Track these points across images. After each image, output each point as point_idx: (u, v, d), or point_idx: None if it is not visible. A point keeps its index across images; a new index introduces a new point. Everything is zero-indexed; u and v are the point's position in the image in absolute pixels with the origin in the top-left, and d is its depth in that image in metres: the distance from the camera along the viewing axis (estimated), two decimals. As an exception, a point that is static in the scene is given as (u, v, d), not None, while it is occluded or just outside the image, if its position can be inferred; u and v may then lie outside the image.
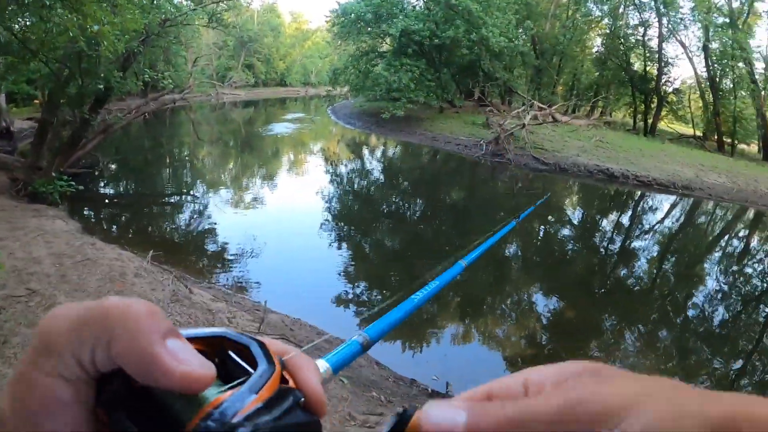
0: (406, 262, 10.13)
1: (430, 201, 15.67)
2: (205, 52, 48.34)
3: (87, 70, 11.03)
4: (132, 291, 5.54)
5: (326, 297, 7.94)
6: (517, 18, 30.05)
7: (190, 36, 26.13)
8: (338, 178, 18.66)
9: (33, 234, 7.01)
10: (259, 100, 51.98)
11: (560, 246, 12.59)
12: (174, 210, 12.83)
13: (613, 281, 10.59)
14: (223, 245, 10.01)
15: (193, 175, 17.53)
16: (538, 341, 7.58)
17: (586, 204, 18.06)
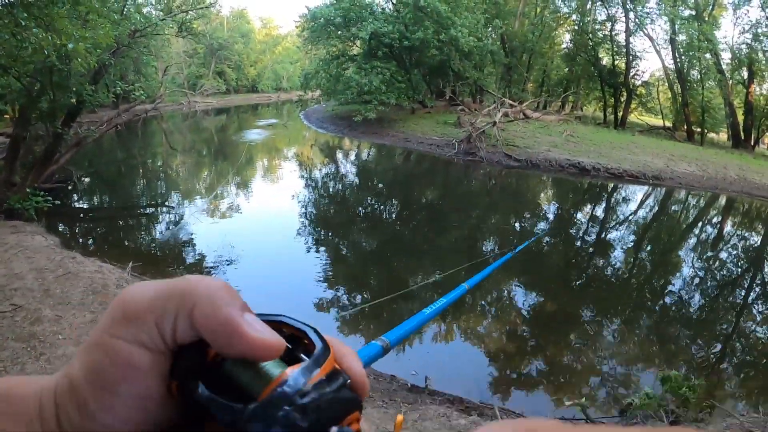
0: (383, 262, 10.30)
1: (405, 201, 15.86)
2: (176, 61, 47.74)
3: (58, 84, 10.99)
4: (115, 301, 5.63)
5: (307, 300, 8.06)
6: (486, 17, 30.37)
7: (160, 46, 25.96)
8: (313, 182, 18.76)
9: (13, 250, 7.05)
10: (231, 107, 51.64)
11: (539, 241, 12.83)
12: (150, 221, 12.84)
13: (589, 273, 10.88)
14: (201, 253, 10.08)
15: (167, 185, 17.50)
16: (517, 334, 7.76)
17: (559, 198, 18.41)
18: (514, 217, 14.93)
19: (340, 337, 6.75)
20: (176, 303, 0.34)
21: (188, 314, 0.33)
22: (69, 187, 14.12)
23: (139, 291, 0.35)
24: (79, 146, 13.39)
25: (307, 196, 16.20)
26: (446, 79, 33.04)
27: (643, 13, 32.21)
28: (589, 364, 6.86)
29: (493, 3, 32.70)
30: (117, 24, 11.19)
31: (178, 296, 0.34)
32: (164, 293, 0.34)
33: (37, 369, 4.14)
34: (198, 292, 0.34)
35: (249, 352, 0.33)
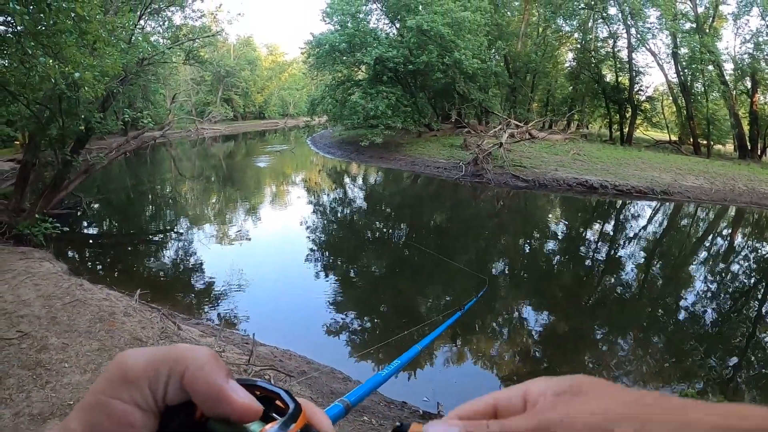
0: (390, 288, 10.22)
1: (414, 226, 15.81)
2: (183, 89, 48.30)
3: (68, 111, 11.10)
4: (123, 330, 5.59)
5: (314, 327, 8.01)
6: (489, 39, 30.59)
7: (168, 73, 26.25)
8: (321, 208, 18.75)
9: (21, 277, 7.03)
10: (238, 133, 51.85)
11: (547, 261, 12.75)
12: (159, 247, 12.81)
13: (602, 291, 10.76)
14: (209, 280, 10.04)
15: (176, 211, 17.53)
16: (529, 357, 7.64)
17: (568, 217, 18.31)
18: (523, 238, 14.84)
19: (345, 364, 6.70)
20: (168, 368, 0.38)
21: (179, 379, 0.38)
22: (78, 213, 14.23)
23: (135, 356, 0.39)
24: (88, 173, 13.46)
25: (315, 221, 16.16)
26: (451, 102, 33.18)
27: (644, 28, 32.32)
28: None
29: (495, 25, 32.83)
30: (125, 52, 11.28)
31: (171, 362, 0.38)
32: (158, 359, 0.38)
33: (42, 398, 4.06)
34: (189, 360, 0.38)
35: (233, 415, 0.38)
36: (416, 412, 5.61)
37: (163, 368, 0.38)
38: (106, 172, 18.59)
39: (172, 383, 0.37)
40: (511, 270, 11.91)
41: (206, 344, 5.86)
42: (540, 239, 14.82)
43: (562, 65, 40.61)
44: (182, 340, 5.74)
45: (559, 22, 35.91)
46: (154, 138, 17.24)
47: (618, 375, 6.99)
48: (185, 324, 6.78)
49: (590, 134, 38.11)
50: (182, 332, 6.12)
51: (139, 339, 5.45)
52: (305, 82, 71.13)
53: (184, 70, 41.55)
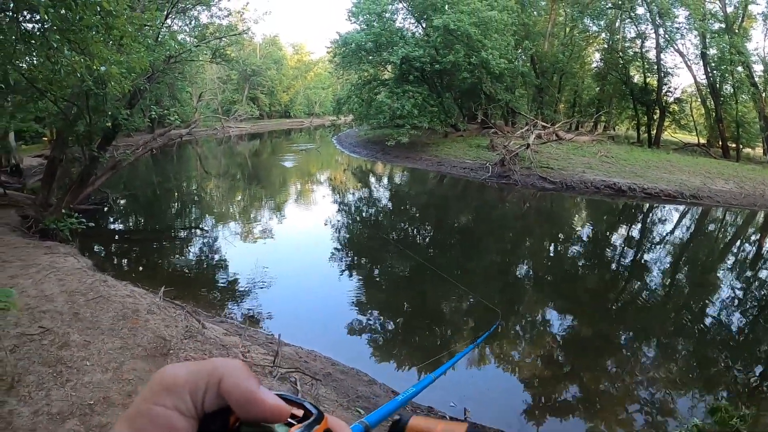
0: (414, 288, 10.10)
1: (440, 227, 15.66)
2: (210, 87, 48.61)
3: (95, 108, 11.14)
4: (146, 328, 5.50)
5: (336, 326, 7.93)
6: (516, 39, 30.23)
7: (194, 72, 26.41)
8: (347, 207, 18.69)
9: (45, 271, 6.98)
10: (264, 132, 52.11)
11: (575, 264, 12.51)
12: (183, 244, 12.83)
13: (631, 296, 10.50)
14: (233, 278, 10.02)
15: (201, 209, 17.59)
16: (554, 361, 7.46)
17: (596, 220, 17.99)
18: (551, 241, 14.61)
19: (368, 365, 6.60)
20: (206, 378, 0.42)
21: (216, 387, 0.42)
22: (104, 209, 14.38)
23: (176, 369, 0.44)
24: (115, 169, 13.53)
25: (340, 220, 16.10)
26: (478, 102, 32.89)
27: (673, 28, 31.58)
28: (627, 391, 6.53)
29: (522, 24, 32.38)
30: (152, 50, 11.28)
31: (208, 373, 0.43)
32: (197, 371, 0.43)
33: (62, 396, 3.96)
34: (224, 370, 0.43)
35: (265, 416, 0.43)
36: (443, 418, 5.44)
37: (202, 378, 0.42)
38: (132, 168, 18.73)
39: (210, 391, 0.42)
40: (537, 274, 11.70)
41: (231, 344, 5.82)
42: (568, 242, 14.56)
43: (588, 66, 40.00)
44: (206, 339, 5.63)
45: (586, 22, 35.32)
46: (181, 135, 17.27)
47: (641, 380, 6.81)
48: (209, 322, 6.69)
49: (617, 136, 37.45)
50: (206, 331, 6.00)
51: (163, 337, 5.36)
52: (331, 81, 71.40)
53: (211, 68, 41.80)
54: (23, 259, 7.75)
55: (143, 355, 4.96)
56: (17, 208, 11.84)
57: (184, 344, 5.30)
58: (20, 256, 8.00)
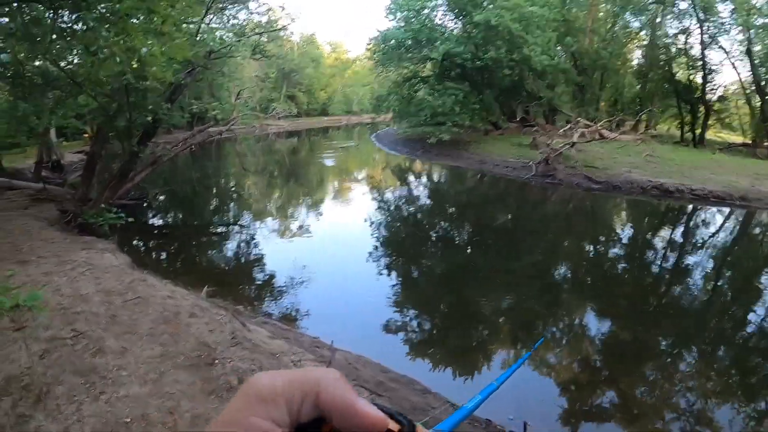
0: (457, 291, 9.65)
1: (485, 226, 15.20)
2: (248, 85, 48.78)
3: (135, 103, 11.09)
4: (188, 333, 5.18)
5: (381, 329, 7.60)
6: (557, 35, 29.52)
7: (233, 69, 26.37)
8: (388, 205, 18.33)
9: (81, 269, 6.71)
10: (302, 130, 52.27)
11: (627, 268, 11.87)
12: (223, 240, 12.71)
13: (689, 303, 9.84)
14: (272, 275, 9.80)
15: (240, 205, 17.49)
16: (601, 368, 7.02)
17: (644, 222, 17.21)
18: (598, 243, 13.97)
19: (418, 372, 6.17)
20: (303, 389, 0.42)
21: (314, 398, 0.42)
22: (144, 204, 14.42)
23: (271, 379, 0.43)
24: (155, 165, 13.50)
25: (382, 218, 15.76)
26: (519, 100, 32.17)
27: (717, 24, 30.29)
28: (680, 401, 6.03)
29: (563, 20, 31.48)
30: (192, 44, 11.08)
31: (305, 384, 0.42)
32: (293, 381, 0.42)
33: (95, 411, 3.58)
34: (322, 381, 0.43)
35: (365, 426, 0.42)
36: (502, 431, 5.05)
37: (299, 389, 0.42)
38: (172, 165, 18.70)
39: (306, 402, 0.42)
40: (586, 278, 11.18)
41: (279, 351, 5.42)
42: (618, 245, 13.94)
43: (630, 63, 38.76)
44: (255, 346, 5.18)
45: (627, 18, 34.24)
46: (220, 132, 17.15)
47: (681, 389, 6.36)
48: (252, 324, 6.31)
49: (659, 135, 36.15)
50: (251, 334, 5.61)
51: (207, 344, 4.97)
52: (369, 79, 71.40)
53: (249, 67, 41.90)
54: (59, 255, 7.55)
55: (186, 365, 4.53)
56: (56, 202, 11.85)
57: (230, 352, 4.89)
58: (56, 252, 7.82)
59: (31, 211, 11.14)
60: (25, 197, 12.38)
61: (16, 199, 12.19)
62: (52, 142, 18.51)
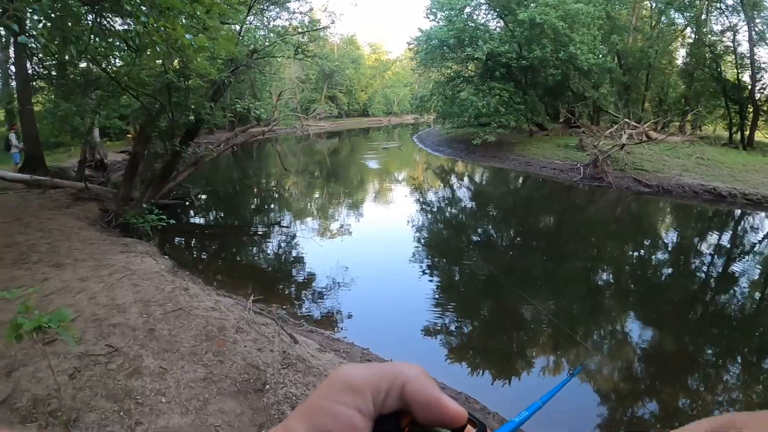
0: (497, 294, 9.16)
1: (534, 231, 14.68)
2: (289, 86, 49.17)
3: (177, 103, 11.01)
4: (235, 352, 4.71)
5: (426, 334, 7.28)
6: (602, 33, 28.62)
7: (275, 70, 26.34)
8: (434, 207, 17.91)
9: (119, 274, 6.40)
10: (342, 130, 52.31)
11: (682, 278, 11.13)
12: (265, 242, 12.49)
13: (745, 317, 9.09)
14: (316, 279, 9.54)
15: (282, 205, 17.36)
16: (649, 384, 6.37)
17: (698, 228, 16.27)
18: (651, 250, 13.22)
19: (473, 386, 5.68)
20: (389, 381, 0.43)
21: (399, 390, 0.43)
22: (186, 204, 14.34)
23: (358, 370, 0.45)
24: (197, 165, 13.44)
25: (427, 223, 15.34)
26: (564, 100, 31.29)
27: (765, 20, 28.79)
28: None
29: (608, 17, 30.38)
30: (234, 43, 10.86)
31: (391, 376, 0.44)
32: (379, 373, 0.44)
33: (129, 448, 3.18)
34: (408, 375, 0.44)
35: (448, 419, 0.43)
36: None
37: (385, 381, 0.43)
38: (214, 165, 18.59)
39: (391, 394, 0.43)
40: (638, 285, 10.47)
41: (328, 362, 4.99)
42: (673, 251, 13.20)
43: (674, 62, 37.25)
44: (306, 365, 4.62)
45: (672, 15, 32.89)
46: (263, 132, 17.01)
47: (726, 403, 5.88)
48: (300, 335, 5.90)
49: (706, 136, 34.65)
50: (300, 349, 5.21)
51: (256, 366, 4.47)
52: (409, 80, 71.17)
53: (290, 68, 41.89)
54: (97, 258, 7.30)
55: (232, 391, 4.04)
56: (98, 201, 11.79)
57: (282, 375, 4.43)
58: (94, 254, 7.59)
59: (73, 210, 11.03)
60: (67, 196, 12.31)
61: (58, 198, 12.12)
62: (96, 142, 18.69)
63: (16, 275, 6.42)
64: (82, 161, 15.82)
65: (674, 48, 36.73)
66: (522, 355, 6.94)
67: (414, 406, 0.43)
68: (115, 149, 21.51)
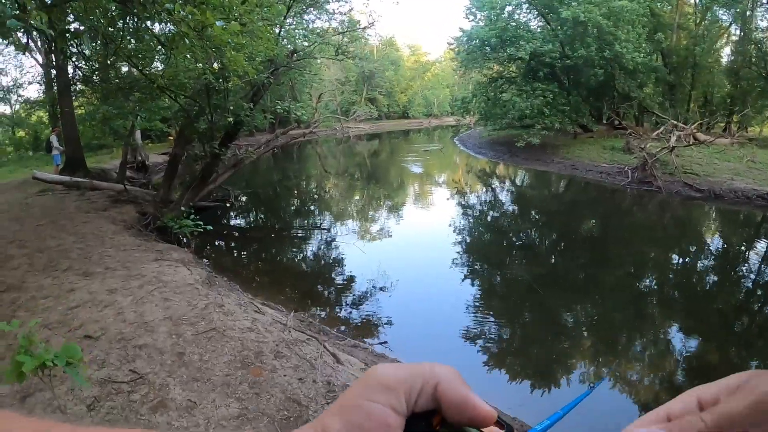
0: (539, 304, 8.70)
1: (584, 238, 14.12)
2: (329, 89, 49.30)
3: (216, 105, 10.82)
4: (273, 383, 4.22)
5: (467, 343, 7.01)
6: (647, 31, 27.59)
7: (314, 71, 26.24)
8: (479, 212, 17.40)
9: (150, 286, 6.16)
10: (382, 132, 52.13)
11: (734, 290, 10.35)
12: (306, 246, 12.21)
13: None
14: (356, 286, 9.22)
15: (323, 209, 17.16)
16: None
17: (753, 236, 15.25)
18: (709, 259, 12.48)
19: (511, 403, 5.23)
20: (422, 381, 0.44)
21: (432, 389, 0.44)
22: (227, 205, 14.33)
23: (392, 369, 0.45)
24: (237, 167, 13.30)
25: (473, 230, 14.83)
26: (608, 101, 30.28)
27: None
28: None
29: (652, 15, 29.23)
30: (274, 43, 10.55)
31: (424, 376, 0.44)
32: (414, 373, 0.45)
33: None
34: (440, 374, 0.45)
35: (478, 419, 0.44)
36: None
37: (418, 380, 0.44)
38: (254, 167, 18.40)
39: (424, 393, 0.44)
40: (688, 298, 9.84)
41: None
42: (728, 261, 12.38)
43: (719, 60, 35.63)
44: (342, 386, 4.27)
45: (717, 12, 31.66)
46: (303, 134, 16.82)
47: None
48: (343, 352, 5.47)
49: (756, 138, 33.03)
50: (344, 370, 4.74)
51: (297, 401, 4.02)
52: (449, 81, 70.51)
53: (329, 70, 41.70)
54: (128, 267, 6.99)
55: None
56: (136, 204, 11.69)
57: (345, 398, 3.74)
58: (127, 262, 7.29)
59: (110, 212, 10.91)
60: (105, 198, 12.23)
61: (96, 200, 12.03)
62: (138, 144, 18.89)
63: (44, 284, 6.19)
64: (123, 163, 15.82)
65: (719, 46, 35.25)
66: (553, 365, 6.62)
67: (445, 406, 0.44)
68: (157, 151, 21.59)
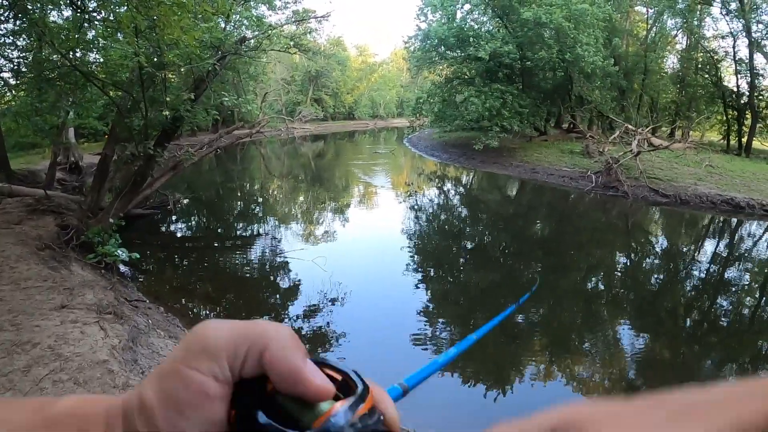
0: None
1: (560, 246, 13.23)
2: (274, 88, 48.24)
3: (152, 98, 9.51)
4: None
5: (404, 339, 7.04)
6: (604, 36, 27.62)
7: (259, 70, 25.16)
8: (443, 222, 16.26)
9: (40, 369, 4.27)
10: (328, 133, 51.66)
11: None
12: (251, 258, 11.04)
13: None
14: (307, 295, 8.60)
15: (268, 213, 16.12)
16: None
17: (737, 242, 14.85)
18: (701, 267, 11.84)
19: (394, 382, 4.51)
20: (249, 344, 0.40)
21: (258, 355, 0.39)
22: (168, 207, 13.19)
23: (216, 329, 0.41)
24: (177, 169, 11.97)
25: (434, 239, 13.85)
26: (566, 104, 30.03)
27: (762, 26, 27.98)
28: None
29: (609, 19, 29.04)
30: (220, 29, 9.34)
31: (252, 339, 0.40)
32: (240, 334, 0.40)
33: None
34: (269, 338, 0.40)
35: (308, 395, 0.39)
36: None
37: (244, 344, 0.40)
38: (196, 169, 17.16)
39: (250, 359, 0.40)
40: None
41: None
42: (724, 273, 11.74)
43: (662, 67, 36.31)
44: None
45: (664, 19, 32.53)
46: (250, 134, 15.78)
47: None
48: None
49: (709, 143, 33.70)
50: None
51: None
52: (396, 83, 70.13)
53: (275, 70, 40.39)
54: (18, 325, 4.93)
55: None
56: (58, 214, 9.67)
57: None
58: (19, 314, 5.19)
59: (24, 227, 8.82)
60: (22, 207, 10.03)
61: (11, 211, 9.78)
62: (71, 143, 17.51)
63: None
64: (53, 164, 14.08)
65: (665, 54, 36.02)
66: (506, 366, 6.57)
67: (272, 376, 0.39)
68: (93, 151, 19.86)
